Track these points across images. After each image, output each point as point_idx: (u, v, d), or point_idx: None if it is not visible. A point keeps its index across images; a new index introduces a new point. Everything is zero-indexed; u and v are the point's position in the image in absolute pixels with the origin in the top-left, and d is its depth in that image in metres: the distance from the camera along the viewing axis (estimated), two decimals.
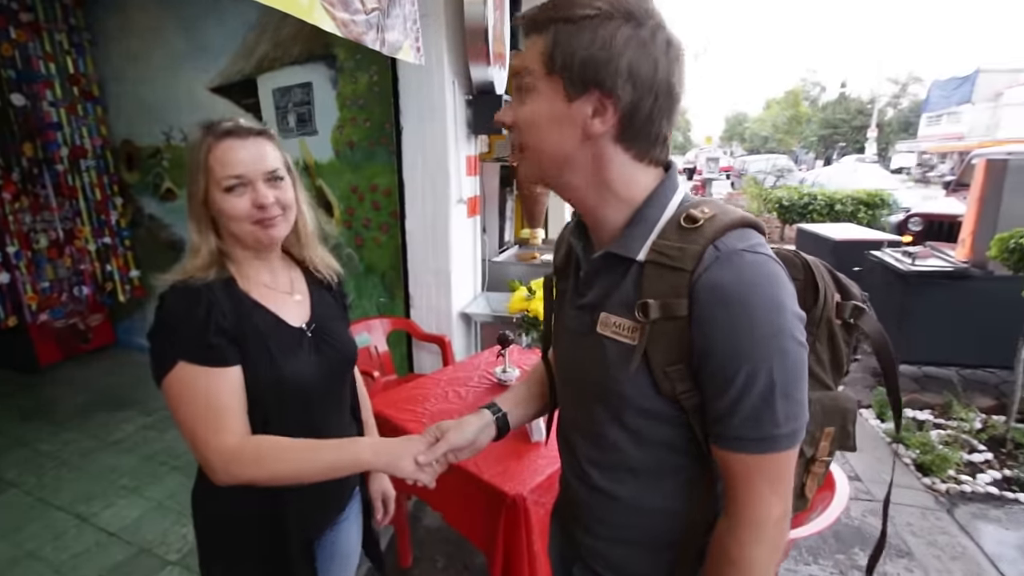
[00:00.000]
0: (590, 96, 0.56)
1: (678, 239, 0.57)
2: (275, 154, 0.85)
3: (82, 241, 3.47)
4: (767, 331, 0.53)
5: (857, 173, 10.75)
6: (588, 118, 0.57)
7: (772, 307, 0.53)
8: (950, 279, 3.03)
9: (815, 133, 33.70)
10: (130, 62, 3.39)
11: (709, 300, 0.54)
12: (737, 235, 0.56)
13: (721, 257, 0.54)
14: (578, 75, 0.55)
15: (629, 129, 0.58)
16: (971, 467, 2.48)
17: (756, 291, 0.53)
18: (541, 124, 0.59)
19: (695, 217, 0.57)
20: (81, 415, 3.01)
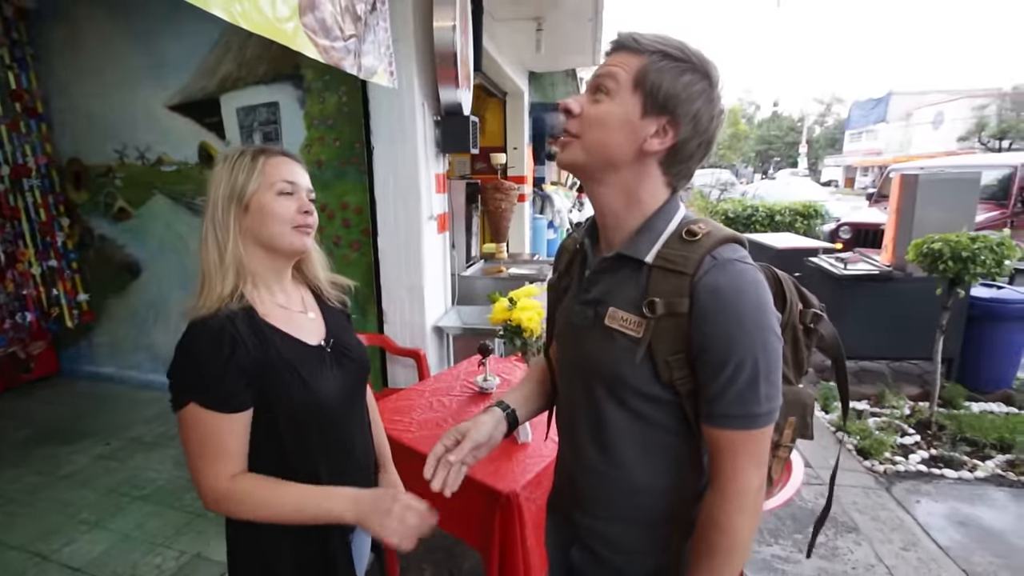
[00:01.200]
0: (660, 119, 0.67)
1: (681, 248, 0.68)
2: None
3: (24, 264, 3.27)
4: (754, 326, 0.64)
5: (792, 186, 11.61)
6: (650, 135, 0.68)
7: (758, 307, 0.65)
8: (877, 281, 3.37)
9: (752, 149, 35.92)
10: (78, 77, 3.27)
11: (708, 298, 0.64)
12: (729, 248, 0.68)
13: (717, 264, 0.66)
14: (660, 100, 0.67)
15: (674, 158, 0.70)
16: (904, 449, 2.75)
17: (746, 293, 0.65)
18: (610, 124, 0.69)
19: (695, 231, 0.69)
20: (25, 449, 2.83)
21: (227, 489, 0.83)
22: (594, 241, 0.80)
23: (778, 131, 36.52)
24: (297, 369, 0.87)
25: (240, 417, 0.83)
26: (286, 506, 0.84)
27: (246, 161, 0.87)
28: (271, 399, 0.85)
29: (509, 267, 3.76)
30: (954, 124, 20.93)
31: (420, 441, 1.55)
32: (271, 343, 0.86)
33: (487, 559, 1.34)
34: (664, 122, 0.68)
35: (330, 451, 0.93)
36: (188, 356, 0.81)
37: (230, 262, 0.85)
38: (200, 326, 0.81)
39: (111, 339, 3.71)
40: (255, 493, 0.83)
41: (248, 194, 0.86)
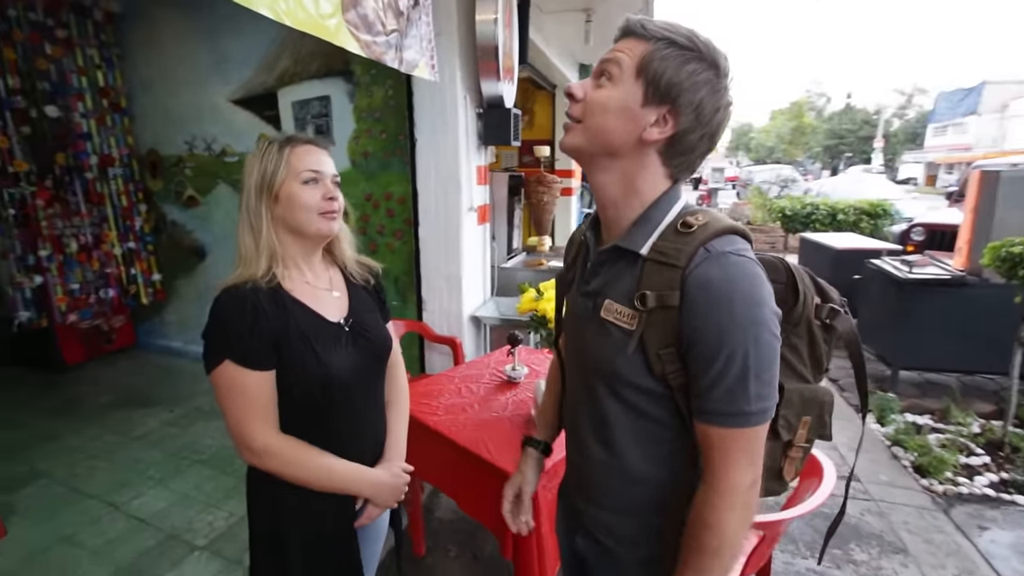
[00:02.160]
0: (661, 108, 0.66)
1: (675, 241, 0.67)
2: (334, 165, 1.00)
3: (108, 245, 3.62)
4: (744, 321, 0.62)
5: (862, 183, 10.81)
6: (649, 124, 0.67)
7: (750, 301, 0.62)
8: (947, 287, 3.10)
9: (820, 144, 33.73)
10: (156, 74, 3.56)
11: (697, 292, 0.63)
12: (725, 240, 0.66)
13: (710, 257, 0.64)
14: (662, 89, 0.65)
15: (674, 149, 0.69)
16: (969, 470, 2.54)
17: (737, 286, 0.62)
18: (610, 110, 0.68)
19: (690, 223, 0.67)
20: (106, 412, 3.14)
21: (277, 445, 0.90)
22: (596, 233, 0.80)
23: (851, 124, 34.02)
24: (311, 341, 0.93)
25: (270, 376, 0.90)
26: (323, 479, 0.95)
27: (273, 152, 0.93)
28: (286, 368, 0.91)
29: (550, 260, 3.75)
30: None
31: (443, 424, 1.60)
32: (290, 314, 0.92)
33: (502, 543, 1.37)
34: (665, 111, 0.66)
35: (340, 426, 0.98)
36: (219, 319, 0.89)
37: (264, 247, 0.92)
38: (227, 294, 0.89)
39: (179, 316, 4.03)
40: (302, 454, 0.93)
41: (277, 184, 0.92)
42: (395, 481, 1.04)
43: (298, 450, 0.93)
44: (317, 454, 0.94)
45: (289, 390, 0.92)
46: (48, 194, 3.28)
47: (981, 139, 23.69)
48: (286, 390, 0.92)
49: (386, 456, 1.08)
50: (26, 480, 2.43)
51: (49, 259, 3.29)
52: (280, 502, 0.96)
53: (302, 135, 0.98)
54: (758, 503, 0.68)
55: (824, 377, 0.83)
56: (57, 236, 3.37)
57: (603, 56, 0.70)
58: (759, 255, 0.77)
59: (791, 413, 0.76)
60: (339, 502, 0.99)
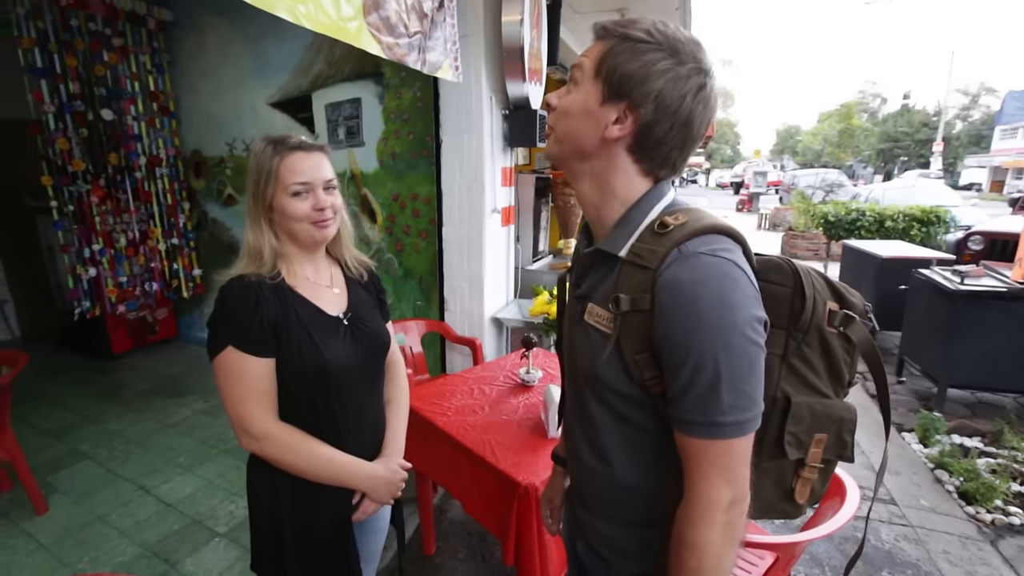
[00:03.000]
0: (619, 105, 0.65)
1: (650, 242, 0.65)
2: (330, 166, 1.00)
3: (154, 241, 3.81)
4: (713, 324, 0.58)
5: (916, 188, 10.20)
6: (610, 122, 0.65)
7: (719, 304, 0.58)
8: (1003, 300, 2.87)
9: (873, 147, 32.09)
10: (202, 79, 3.74)
11: (665, 294, 0.60)
12: (702, 240, 0.62)
13: (680, 257, 0.61)
14: (616, 85, 0.64)
15: (641, 144, 0.66)
16: (1021, 499, 2.34)
17: (705, 287, 0.59)
18: (573, 113, 0.68)
19: (667, 223, 0.65)
20: (145, 399, 3.31)
21: (276, 430, 0.92)
22: (587, 236, 0.79)
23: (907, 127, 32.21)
24: (310, 332, 0.95)
25: (270, 364, 0.92)
26: (320, 468, 0.95)
27: (265, 160, 0.94)
28: (284, 357, 0.93)
29: None
30: None
31: (451, 425, 1.60)
32: (291, 305, 0.95)
33: (504, 547, 1.35)
34: (623, 107, 0.64)
35: (339, 419, 0.99)
36: (223, 306, 0.91)
37: (268, 252, 0.96)
38: (231, 283, 0.92)
39: None
40: (301, 442, 0.94)
41: (268, 197, 0.94)
42: (392, 476, 1.05)
43: (296, 437, 0.94)
44: (316, 443, 0.96)
45: (287, 380, 0.94)
46: (102, 192, 3.49)
47: None
48: (284, 380, 0.94)
49: (384, 452, 1.08)
50: (69, 460, 2.58)
51: (101, 253, 3.50)
52: (277, 492, 0.98)
53: (293, 138, 0.96)
54: (742, 523, 0.64)
55: (848, 392, 0.76)
56: (108, 231, 3.58)
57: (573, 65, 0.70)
58: (764, 257, 0.73)
59: (801, 429, 0.71)
60: (335, 495, 1.00)
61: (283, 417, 0.95)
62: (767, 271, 0.70)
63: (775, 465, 0.73)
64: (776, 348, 0.69)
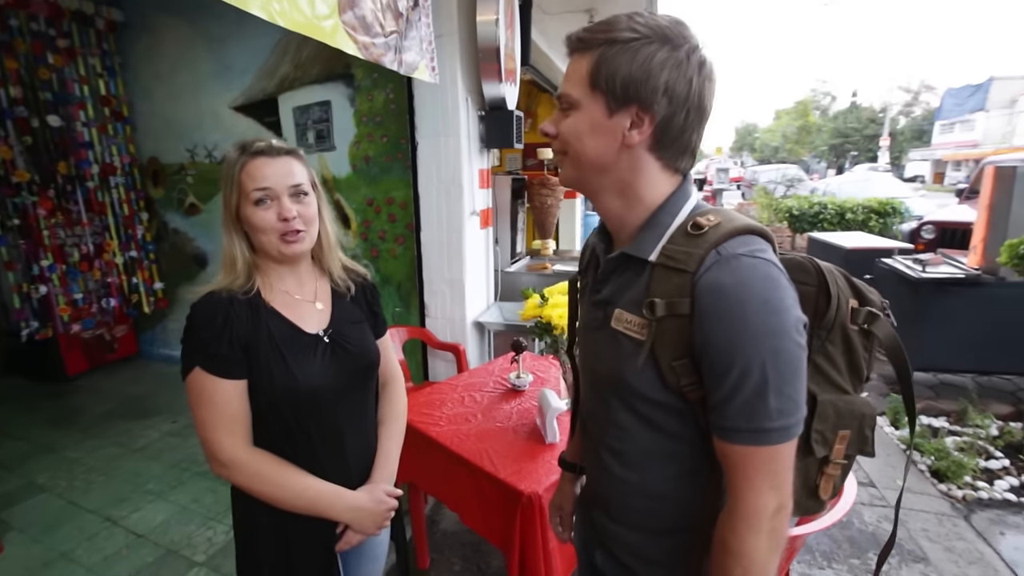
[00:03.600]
0: (629, 110, 0.62)
1: (684, 244, 0.62)
2: (301, 171, 0.91)
3: (110, 254, 3.60)
4: (761, 329, 0.56)
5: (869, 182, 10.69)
6: (626, 129, 0.63)
7: (766, 307, 0.57)
8: (962, 286, 3.02)
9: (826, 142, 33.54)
10: (158, 82, 3.56)
11: (708, 298, 0.58)
12: (739, 241, 0.61)
13: (720, 260, 0.59)
14: (620, 92, 0.61)
15: (663, 139, 0.64)
16: (988, 474, 2.46)
17: (751, 291, 0.57)
18: (583, 134, 0.65)
19: (700, 224, 0.63)
20: (106, 423, 3.11)
21: (244, 457, 0.86)
22: (605, 240, 0.76)
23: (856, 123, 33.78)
24: (282, 352, 0.88)
25: (240, 385, 0.86)
26: (295, 498, 0.88)
27: (229, 168, 0.88)
28: (256, 375, 0.87)
29: (554, 264, 3.71)
30: None
31: (445, 435, 1.55)
32: (263, 323, 0.89)
33: (508, 559, 1.32)
34: (635, 110, 0.62)
35: (315, 443, 0.92)
36: (191, 325, 0.86)
37: (241, 264, 0.90)
38: (201, 300, 0.87)
39: (182, 325, 3.96)
40: (274, 470, 0.87)
41: (234, 205, 0.88)
42: (376, 507, 0.96)
43: (268, 465, 0.87)
44: (290, 471, 0.89)
45: (259, 403, 0.88)
46: (50, 204, 3.27)
47: (989, 135, 23.46)
48: (256, 403, 0.88)
49: (372, 478, 0.99)
50: (25, 494, 2.40)
51: (51, 269, 3.28)
52: (254, 520, 0.91)
53: (258, 142, 0.89)
54: (787, 530, 0.62)
55: (864, 388, 0.76)
56: (59, 246, 3.36)
57: (559, 88, 0.67)
58: (786, 256, 0.72)
59: (827, 427, 0.70)
60: (316, 524, 0.93)
61: (257, 443, 0.89)
62: (792, 270, 0.67)
63: (801, 464, 0.72)
64: None
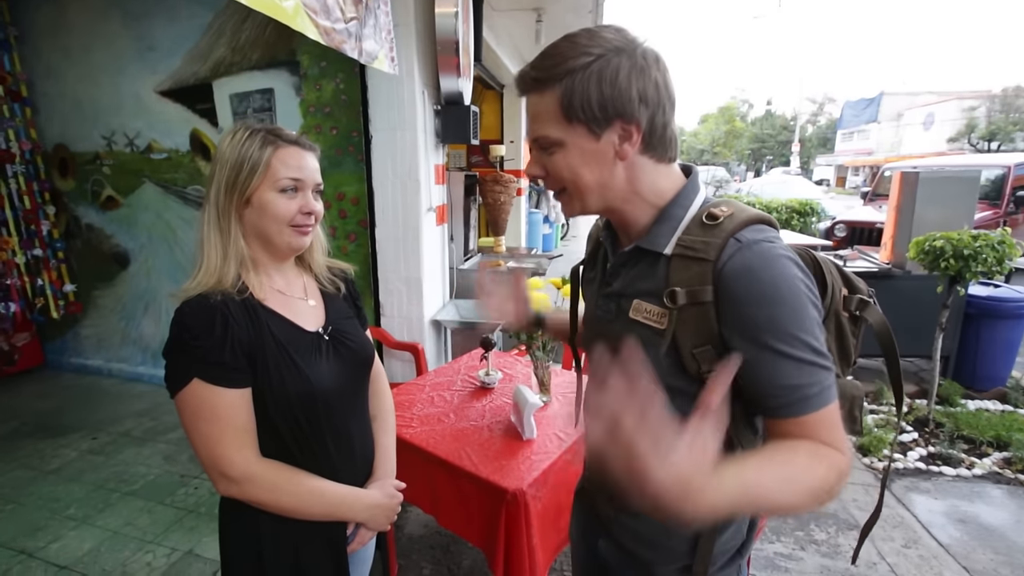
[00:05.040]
0: (614, 127, 0.63)
1: (701, 234, 0.64)
2: (319, 170, 0.89)
3: (8, 253, 3.17)
4: (799, 303, 0.60)
5: (786, 184, 11.64)
6: (617, 145, 0.64)
7: (797, 284, 0.60)
8: (875, 279, 3.36)
9: (746, 147, 36.06)
10: (65, 60, 3.17)
11: (737, 283, 0.60)
12: (754, 229, 0.63)
13: (743, 247, 0.62)
14: (600, 114, 0.62)
15: (652, 140, 0.66)
16: (902, 446, 2.75)
17: (783, 271, 0.60)
18: (577, 166, 0.66)
19: (716, 215, 0.65)
20: (10, 443, 2.75)
21: (260, 470, 0.80)
22: (612, 234, 0.77)
23: (771, 129, 36.65)
24: (290, 353, 0.83)
25: (246, 394, 0.80)
26: (314, 505, 0.85)
27: (253, 149, 0.81)
28: (263, 383, 0.81)
29: (507, 261, 3.71)
30: (944, 125, 21.13)
31: (419, 437, 1.51)
32: (264, 325, 0.82)
33: (492, 559, 1.30)
34: (619, 125, 0.63)
35: (327, 444, 0.88)
36: (184, 333, 0.77)
37: (232, 253, 0.82)
38: (193, 303, 0.78)
39: (98, 331, 3.61)
40: (289, 479, 0.83)
41: (251, 188, 0.81)
42: (390, 502, 0.96)
43: (284, 474, 0.83)
44: (306, 477, 0.85)
45: (269, 410, 0.82)
46: None
47: (881, 144, 26.30)
48: (266, 410, 0.82)
49: (376, 474, 0.98)
50: None
51: None
52: (261, 535, 0.85)
53: (287, 132, 0.85)
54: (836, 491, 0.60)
55: (851, 371, 0.81)
56: None
57: (531, 128, 0.67)
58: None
59: None
60: (328, 529, 0.89)
61: (265, 452, 0.83)
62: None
63: None
64: None
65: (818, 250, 3.76)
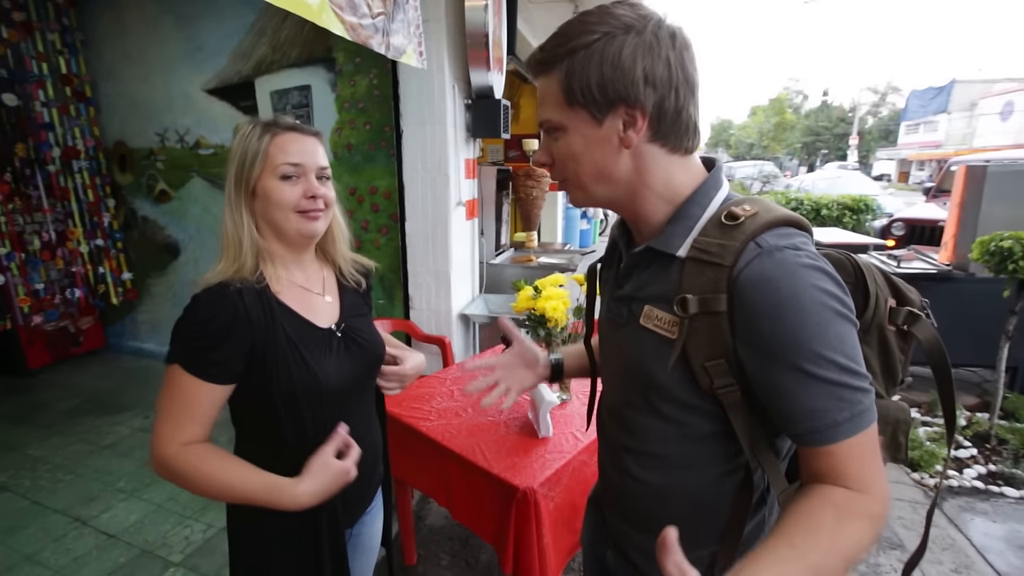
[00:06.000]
0: (617, 112, 0.58)
1: (719, 236, 0.58)
2: (324, 153, 0.89)
3: (74, 243, 3.42)
4: (824, 318, 0.53)
5: (840, 179, 11.01)
6: (620, 132, 0.59)
7: (822, 297, 0.53)
8: (933, 281, 3.12)
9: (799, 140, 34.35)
10: (124, 62, 3.37)
11: (755, 294, 0.54)
12: (779, 232, 0.57)
13: (763, 253, 0.55)
14: (600, 98, 0.58)
15: (661, 126, 0.60)
16: (957, 462, 2.55)
17: (807, 282, 0.53)
18: (579, 153, 0.62)
19: (736, 215, 0.58)
20: (72, 419, 2.97)
21: (173, 454, 0.78)
22: (626, 233, 0.72)
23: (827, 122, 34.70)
24: (299, 348, 0.84)
25: (219, 389, 0.81)
26: (223, 490, 0.80)
27: (253, 139, 0.83)
28: (270, 376, 0.82)
29: (539, 256, 3.69)
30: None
31: (435, 430, 1.52)
32: (277, 320, 0.83)
33: (502, 556, 1.30)
34: (623, 110, 0.58)
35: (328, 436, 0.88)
36: (189, 320, 0.79)
37: (248, 246, 0.84)
38: (207, 294, 0.80)
39: (152, 316, 3.85)
40: (199, 466, 0.78)
41: (253, 178, 0.83)
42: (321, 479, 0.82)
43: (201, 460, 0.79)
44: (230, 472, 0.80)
45: (276, 404, 0.83)
46: (7, 188, 3.09)
47: (951, 136, 24.40)
48: (273, 404, 0.83)
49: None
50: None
51: (9, 257, 3.10)
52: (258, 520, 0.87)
53: (286, 119, 0.86)
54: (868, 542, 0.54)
55: (898, 391, 0.73)
56: (18, 233, 3.17)
57: (538, 118, 0.65)
58: (823, 252, 0.66)
59: None
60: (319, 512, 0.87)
61: (267, 443, 0.84)
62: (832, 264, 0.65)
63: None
64: None
65: (870, 250, 3.53)
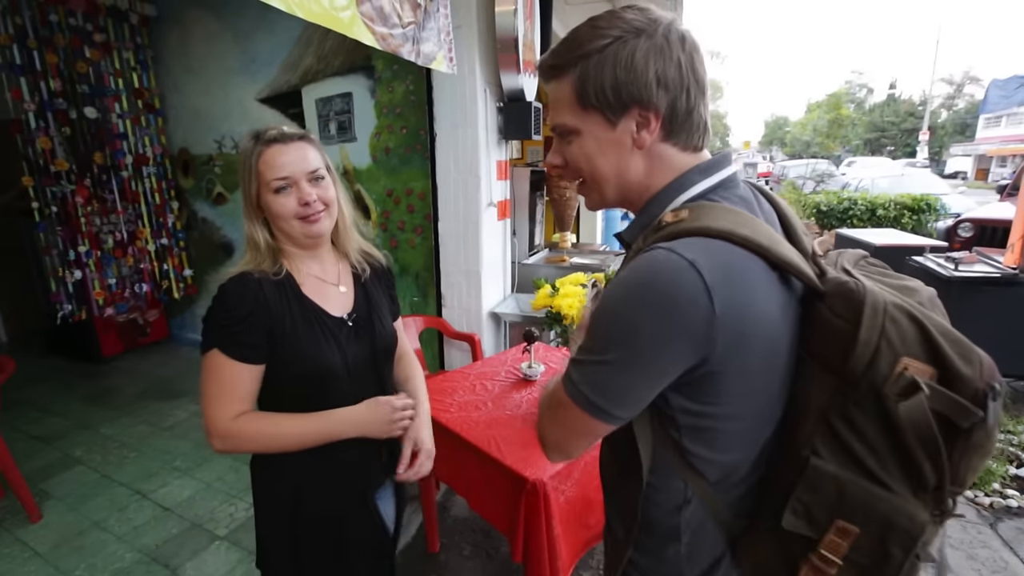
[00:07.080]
0: (630, 114, 0.60)
1: (644, 240, 0.61)
2: (315, 155, 0.94)
3: (142, 242, 3.74)
4: (624, 310, 0.56)
5: (905, 177, 10.30)
6: (634, 133, 0.61)
7: (628, 292, 0.56)
8: (997, 285, 2.90)
9: (861, 136, 32.34)
10: (187, 75, 3.66)
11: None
12: (687, 242, 0.54)
13: (639, 254, 0.58)
14: (614, 100, 0.59)
15: (673, 126, 0.61)
16: (1018, 481, 2.37)
17: (627, 278, 0.56)
18: (593, 155, 0.63)
19: (663, 221, 0.59)
20: (138, 402, 3.25)
21: (231, 428, 0.88)
22: None
23: (894, 117, 32.48)
24: (310, 335, 0.92)
25: (255, 369, 0.89)
26: (286, 437, 0.91)
27: (247, 158, 0.91)
28: (281, 359, 0.90)
29: (572, 257, 3.70)
30: None
31: (455, 421, 1.58)
32: (292, 306, 0.91)
33: (512, 545, 1.34)
34: (636, 112, 0.60)
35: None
36: (218, 307, 0.88)
37: (266, 250, 0.93)
38: (231, 282, 0.89)
39: None
40: (258, 427, 0.90)
41: (254, 195, 0.91)
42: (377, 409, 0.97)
43: (256, 424, 0.90)
44: (279, 420, 0.91)
45: (285, 384, 0.91)
46: (87, 192, 3.41)
47: None
48: (282, 383, 0.92)
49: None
50: (62, 467, 2.53)
51: (87, 255, 3.43)
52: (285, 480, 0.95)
53: (271, 131, 0.92)
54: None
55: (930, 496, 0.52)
56: (95, 233, 3.50)
57: (550, 122, 0.66)
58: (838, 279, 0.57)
59: (815, 502, 0.54)
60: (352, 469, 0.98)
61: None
62: (833, 295, 0.56)
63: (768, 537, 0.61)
64: (819, 395, 0.56)
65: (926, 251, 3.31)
